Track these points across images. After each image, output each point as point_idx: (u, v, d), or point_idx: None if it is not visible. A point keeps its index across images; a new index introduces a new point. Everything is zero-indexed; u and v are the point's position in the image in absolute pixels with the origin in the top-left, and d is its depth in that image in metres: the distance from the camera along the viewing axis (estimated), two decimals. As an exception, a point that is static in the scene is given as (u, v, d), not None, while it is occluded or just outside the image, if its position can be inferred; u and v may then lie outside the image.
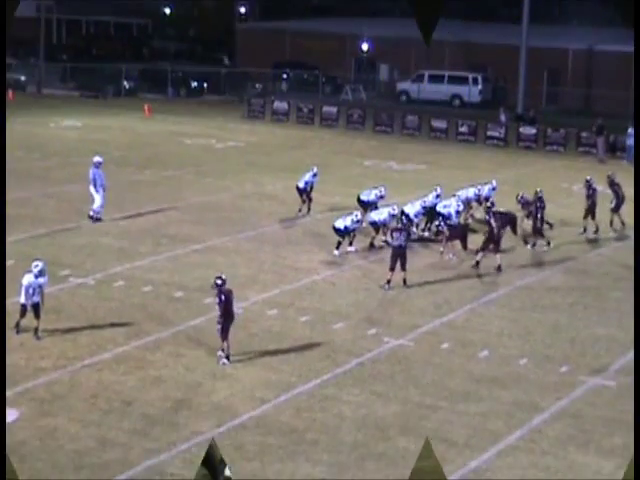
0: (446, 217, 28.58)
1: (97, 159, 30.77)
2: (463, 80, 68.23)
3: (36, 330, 20.31)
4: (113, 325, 21.47)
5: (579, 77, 68.12)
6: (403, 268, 24.75)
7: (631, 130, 46.22)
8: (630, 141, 46.20)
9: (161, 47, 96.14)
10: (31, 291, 20.21)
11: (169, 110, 59.20)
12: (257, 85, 69.72)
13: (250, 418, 17.31)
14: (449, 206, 29.03)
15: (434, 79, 68.82)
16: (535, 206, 29.13)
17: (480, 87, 67.84)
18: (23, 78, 67.25)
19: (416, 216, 28.79)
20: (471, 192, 31.19)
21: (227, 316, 19.56)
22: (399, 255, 24.72)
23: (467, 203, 30.69)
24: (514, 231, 28.82)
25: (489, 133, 51.78)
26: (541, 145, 50.12)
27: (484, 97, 67.64)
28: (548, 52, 67.39)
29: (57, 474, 15.08)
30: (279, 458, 15.93)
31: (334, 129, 54.86)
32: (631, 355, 20.87)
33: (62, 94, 66.36)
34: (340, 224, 27.25)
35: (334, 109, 56.91)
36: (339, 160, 43.87)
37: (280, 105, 58.53)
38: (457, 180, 38.12)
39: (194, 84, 69.39)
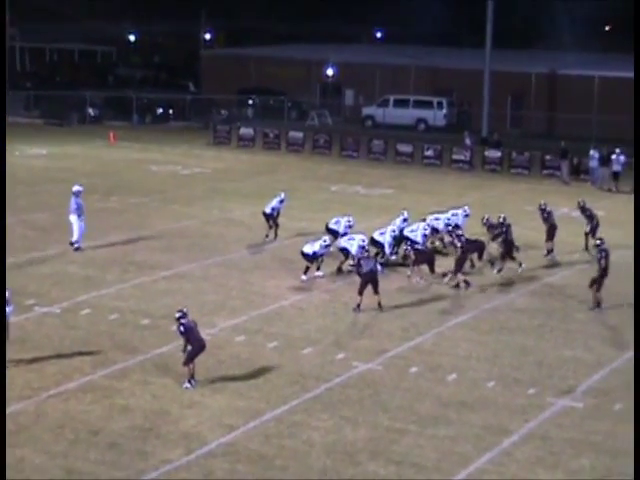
0: (413, 241, 28.67)
1: (77, 188, 30.53)
2: (428, 104, 68.58)
3: None
4: (79, 354, 21.31)
5: (542, 101, 68.68)
6: (376, 292, 24.78)
7: (593, 152, 46.65)
8: (593, 163, 46.64)
9: (126, 74, 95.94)
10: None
11: (134, 137, 59.09)
12: (223, 111, 69.74)
13: (219, 445, 17.22)
14: (416, 230, 29.16)
15: (399, 103, 69.14)
16: (500, 230, 29.27)
17: (445, 111, 68.22)
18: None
19: (389, 246, 28.85)
20: (441, 224, 31.00)
21: (195, 345, 19.54)
22: (371, 280, 24.76)
23: (436, 230, 30.78)
24: (480, 257, 29.02)
25: (454, 157, 52.06)
26: (506, 168, 50.44)
27: (449, 121, 68.04)
28: (512, 76, 67.94)
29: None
30: (248, 485, 15.83)
31: (300, 154, 54.95)
32: (597, 376, 20.99)
33: (26, 122, 66.10)
34: (308, 249, 27.25)
35: (300, 134, 57.01)
36: (306, 185, 43.93)
37: (246, 131, 58.58)
38: (423, 204, 38.30)
39: (159, 111, 69.34)
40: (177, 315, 19.59)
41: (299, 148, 56.02)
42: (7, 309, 20.13)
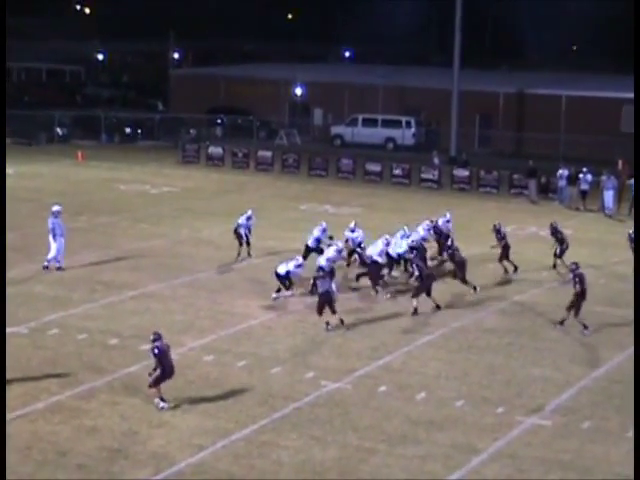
0: (402, 256, 29.45)
1: (56, 208, 30.47)
2: (396, 123, 68.80)
3: None
4: (47, 374, 21.18)
5: (510, 120, 69.04)
6: (333, 312, 24.83)
7: (562, 171, 46.93)
8: (561, 182, 46.90)
9: (94, 93, 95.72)
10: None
11: (103, 156, 58.93)
12: (191, 130, 69.69)
13: (187, 465, 17.15)
14: (400, 245, 29.60)
15: (368, 123, 69.33)
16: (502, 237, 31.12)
17: (413, 130, 68.46)
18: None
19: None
20: (422, 231, 31.57)
21: (166, 370, 19.45)
22: (326, 301, 24.85)
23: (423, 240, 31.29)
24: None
25: (423, 176, 52.24)
26: (474, 187, 50.66)
27: (417, 140, 68.26)
28: (480, 96, 68.27)
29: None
30: (217, 506, 15.77)
31: (269, 173, 54.98)
32: (566, 395, 21.07)
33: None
34: (282, 269, 27.21)
35: (269, 154, 57.06)
36: (275, 204, 43.94)
37: (215, 150, 58.55)
38: (392, 223, 38.33)
39: (128, 130, 69.18)
40: (152, 337, 19.48)
41: (268, 167, 56.05)
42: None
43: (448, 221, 33.01)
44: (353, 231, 30.97)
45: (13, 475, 16.51)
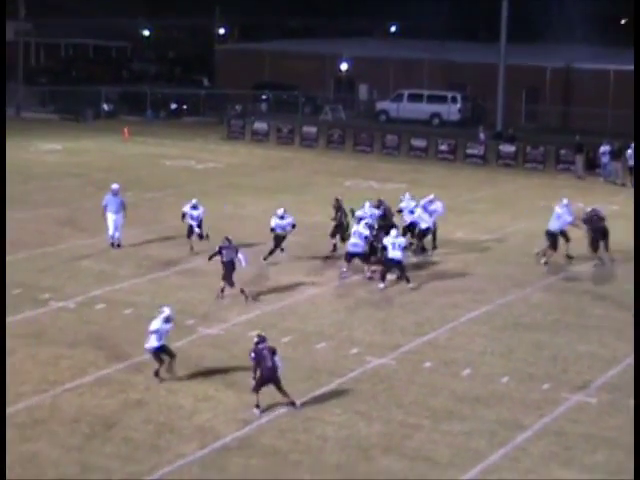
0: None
1: (114, 186, 30.46)
2: (442, 99, 68.43)
3: (157, 372, 19.76)
4: (94, 348, 21.38)
5: (557, 95, 68.45)
6: (230, 284, 25.04)
7: (604, 147, 46.39)
8: (604, 158, 46.37)
9: (140, 69, 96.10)
10: (158, 336, 19.52)
11: (149, 132, 59.17)
12: (237, 106, 69.72)
13: (233, 440, 17.26)
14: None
15: (413, 98, 69.00)
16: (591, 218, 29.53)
17: (459, 106, 68.05)
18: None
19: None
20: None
21: (263, 373, 18.44)
22: (227, 270, 25.04)
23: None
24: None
25: (468, 151, 51.96)
26: (520, 163, 50.31)
27: (463, 116, 67.86)
28: (526, 70, 67.70)
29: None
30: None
31: (314, 149, 54.93)
32: (612, 372, 20.95)
33: (41, 117, 66.22)
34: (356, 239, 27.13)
35: (314, 129, 57.00)
36: (319, 180, 43.91)
37: (260, 126, 58.59)
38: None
39: (173, 106, 69.38)
40: (255, 340, 18.66)
41: (313, 143, 56.02)
42: (169, 325, 19.84)
43: (431, 201, 31.60)
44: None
45: (62, 447, 16.71)
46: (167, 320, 19.64)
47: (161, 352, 19.63)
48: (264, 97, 73.78)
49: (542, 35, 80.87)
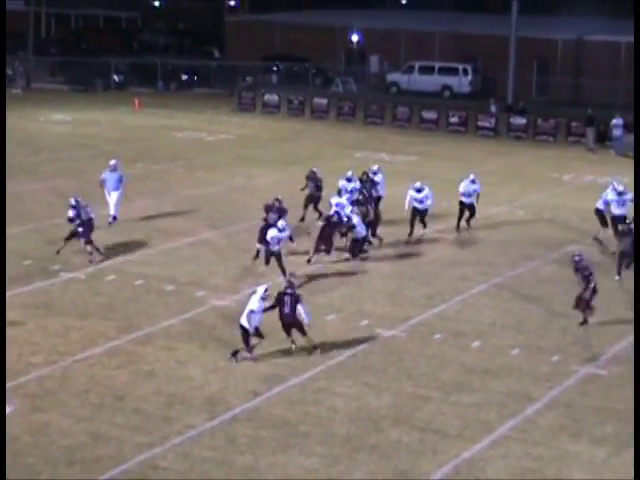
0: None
1: (111, 162, 29.73)
2: (453, 71, 68.21)
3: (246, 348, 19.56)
4: (104, 319, 21.44)
5: (568, 67, 68.14)
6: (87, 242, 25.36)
7: (616, 120, 46.18)
8: (617, 131, 46.16)
9: (150, 40, 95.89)
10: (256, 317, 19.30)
11: (159, 104, 59.08)
12: (247, 78, 69.59)
13: (243, 411, 17.31)
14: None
15: (424, 70, 68.80)
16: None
17: (470, 78, 67.84)
18: (10, 72, 66.96)
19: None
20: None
21: (281, 317, 19.47)
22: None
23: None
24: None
25: (479, 124, 51.81)
26: (531, 135, 50.16)
27: (474, 88, 67.65)
28: (537, 42, 67.41)
29: (49, 469, 15.05)
30: (272, 451, 15.92)
31: (325, 121, 54.82)
32: (622, 344, 20.94)
33: (51, 88, 66.13)
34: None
35: (324, 101, 56.88)
36: (330, 152, 43.84)
37: (270, 97, 58.48)
38: (448, 171, 38.19)
39: (184, 77, 69.24)
40: (285, 285, 19.75)
41: (323, 115, 55.91)
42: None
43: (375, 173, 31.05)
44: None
45: (72, 418, 16.78)
46: (263, 299, 19.35)
47: (256, 334, 19.29)
48: (275, 69, 73.58)
49: (553, 7, 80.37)
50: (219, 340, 20.38)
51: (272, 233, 24.23)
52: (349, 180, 29.53)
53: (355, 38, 75.03)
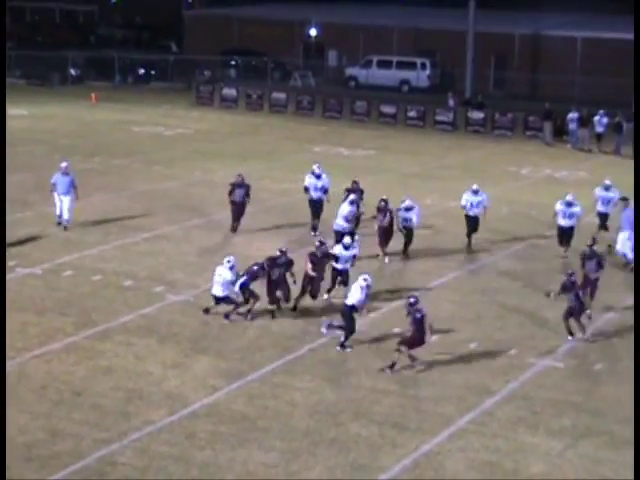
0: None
1: (63, 164, 28.71)
2: (411, 65, 68.35)
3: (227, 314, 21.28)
4: (62, 315, 21.31)
5: (526, 62, 68.48)
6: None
7: (572, 114, 46.49)
8: (572, 125, 46.47)
9: (108, 34, 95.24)
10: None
11: (116, 98, 58.74)
12: (205, 72, 69.29)
13: (202, 406, 17.28)
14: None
15: (382, 64, 68.86)
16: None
17: (428, 72, 68.00)
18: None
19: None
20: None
21: (417, 336, 19.09)
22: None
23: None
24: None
25: (438, 118, 51.97)
26: (489, 129, 50.38)
27: (432, 82, 67.80)
28: (495, 37, 67.67)
29: (7, 466, 14.93)
30: (231, 446, 15.91)
31: (283, 115, 54.76)
32: (578, 336, 21.07)
33: (7, 82, 65.46)
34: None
35: (283, 95, 56.80)
36: (288, 146, 43.82)
37: (229, 92, 58.30)
38: (406, 165, 38.31)
39: (141, 71, 68.83)
40: (411, 300, 19.27)
41: (282, 109, 55.84)
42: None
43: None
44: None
45: (30, 414, 16.67)
46: (231, 268, 21.35)
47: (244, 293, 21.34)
48: (233, 63, 73.36)
49: (511, 2, 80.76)
50: (178, 335, 20.33)
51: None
52: (318, 177, 28.38)
53: (313, 32, 74.97)
